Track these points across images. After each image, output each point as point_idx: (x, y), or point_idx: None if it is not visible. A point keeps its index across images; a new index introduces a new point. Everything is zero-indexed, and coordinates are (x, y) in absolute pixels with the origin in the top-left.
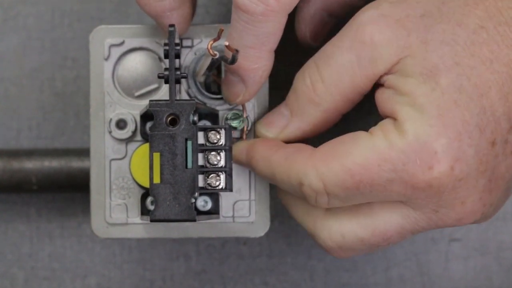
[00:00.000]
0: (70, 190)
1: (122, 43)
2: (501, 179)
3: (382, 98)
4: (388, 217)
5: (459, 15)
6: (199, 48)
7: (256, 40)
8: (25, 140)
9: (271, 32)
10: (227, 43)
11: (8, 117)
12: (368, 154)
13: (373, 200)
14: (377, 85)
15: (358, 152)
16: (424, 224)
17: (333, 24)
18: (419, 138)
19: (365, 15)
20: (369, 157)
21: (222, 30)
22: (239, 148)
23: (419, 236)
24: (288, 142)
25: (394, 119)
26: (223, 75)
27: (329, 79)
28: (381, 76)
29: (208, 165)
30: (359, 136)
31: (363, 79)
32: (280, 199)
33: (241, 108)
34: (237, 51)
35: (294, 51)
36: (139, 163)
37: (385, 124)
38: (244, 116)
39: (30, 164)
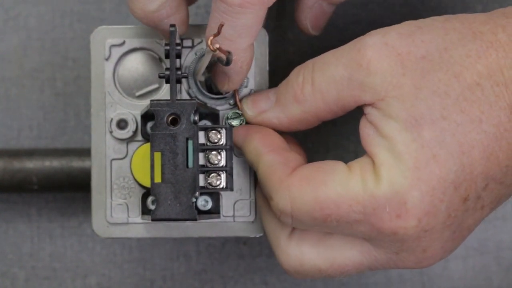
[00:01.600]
0: (70, 190)
1: (123, 43)
2: (466, 230)
3: (364, 132)
4: (348, 252)
5: (459, 66)
6: (199, 48)
7: (233, 32)
8: (26, 140)
9: (249, 24)
10: (217, 46)
11: (9, 117)
12: (342, 192)
13: (337, 233)
14: (361, 111)
15: (333, 186)
16: (383, 263)
17: (333, 12)
18: (392, 187)
19: (371, 39)
20: (342, 195)
21: (222, 25)
22: (239, 132)
23: None
24: (263, 126)
25: (372, 160)
26: None
27: (318, 84)
28: (365, 105)
29: (209, 164)
30: (338, 169)
31: (348, 98)
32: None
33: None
34: (229, 52)
35: (294, 51)
36: (140, 163)
37: (364, 164)
38: (241, 111)
39: (30, 164)
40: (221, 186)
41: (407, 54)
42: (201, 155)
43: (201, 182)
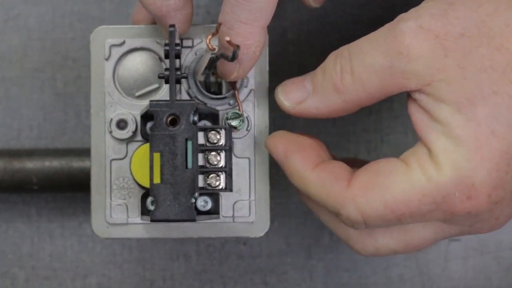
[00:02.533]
0: (70, 190)
1: (123, 43)
2: None
3: (416, 118)
4: (422, 232)
5: (499, 38)
6: (199, 48)
7: (249, 15)
8: (26, 140)
9: (264, 7)
10: (228, 38)
11: (9, 117)
12: (408, 190)
13: (412, 223)
14: (409, 96)
15: (397, 187)
16: (457, 234)
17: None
18: (457, 172)
19: (405, 25)
20: (409, 193)
21: (220, 24)
22: (278, 150)
23: None
24: (300, 117)
25: (429, 148)
26: None
27: (358, 74)
28: (412, 91)
29: (208, 165)
30: (395, 168)
31: (392, 86)
32: (303, 201)
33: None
34: (238, 46)
35: (294, 51)
36: (140, 163)
37: (420, 155)
38: (241, 111)
39: (30, 164)
40: (220, 186)
41: (445, 35)
42: (200, 155)
43: (201, 183)
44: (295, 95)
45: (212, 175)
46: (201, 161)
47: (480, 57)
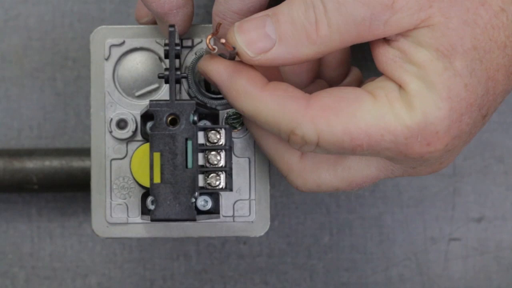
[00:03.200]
0: (70, 189)
1: (123, 43)
2: (473, 137)
3: (387, 58)
4: (366, 170)
5: None
6: (199, 48)
7: (242, 6)
8: (26, 140)
9: None
10: (223, 41)
11: (9, 117)
12: (372, 122)
13: (361, 156)
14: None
15: (363, 117)
16: (398, 174)
17: None
18: (425, 117)
19: None
20: (373, 125)
21: (220, 25)
22: (217, 68)
23: (418, 236)
24: (263, 66)
25: (400, 86)
26: None
27: (336, 26)
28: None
29: (208, 164)
30: (363, 98)
31: (370, 36)
32: (248, 128)
33: None
34: (234, 48)
35: None
36: (140, 163)
37: (390, 91)
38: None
39: (31, 164)
40: (220, 186)
41: None
42: (200, 155)
43: (201, 183)
44: (258, 45)
45: (212, 175)
46: (201, 161)
47: (465, 10)
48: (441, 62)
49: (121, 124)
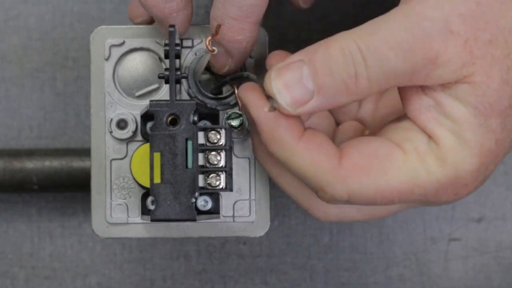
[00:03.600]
0: (70, 189)
1: (123, 43)
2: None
3: (420, 105)
4: (390, 207)
5: None
6: (199, 49)
7: (239, 12)
8: (26, 140)
9: (255, 3)
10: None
11: (9, 117)
12: (404, 179)
13: None
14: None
15: (394, 175)
16: (415, 206)
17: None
18: (457, 173)
19: (433, 27)
20: (405, 182)
21: (220, 26)
22: (258, 106)
23: (418, 236)
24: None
25: (429, 137)
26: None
27: (376, 79)
28: None
29: (208, 165)
30: (393, 154)
31: (408, 84)
32: (261, 164)
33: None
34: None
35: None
36: (140, 163)
37: (420, 143)
38: (241, 111)
39: (31, 164)
40: (220, 186)
41: (474, 40)
42: (200, 155)
43: (201, 183)
44: (297, 99)
45: (212, 175)
46: (201, 161)
47: (506, 69)
48: (477, 119)
49: (121, 124)
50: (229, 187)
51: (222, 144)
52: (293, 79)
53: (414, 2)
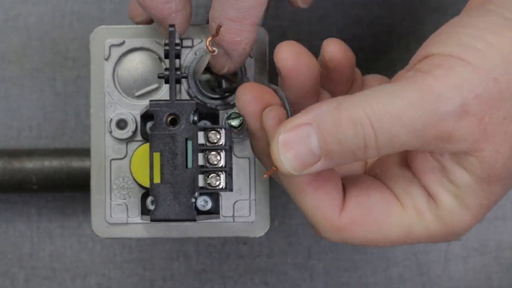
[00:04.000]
0: (70, 189)
1: (123, 43)
2: None
3: (425, 166)
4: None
5: None
6: (199, 48)
7: (237, 14)
8: (26, 140)
9: (253, 5)
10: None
11: (9, 117)
12: (401, 234)
13: None
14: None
15: (389, 230)
16: None
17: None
18: (453, 230)
19: (449, 109)
20: (401, 236)
21: (221, 27)
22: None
23: None
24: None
25: (429, 196)
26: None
27: (384, 150)
28: None
29: (208, 165)
30: (391, 207)
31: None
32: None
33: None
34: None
35: None
36: (140, 163)
37: (419, 200)
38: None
39: (30, 164)
40: (220, 186)
41: (489, 119)
42: (200, 155)
43: (201, 183)
44: (306, 164)
45: (212, 175)
46: (201, 161)
47: None
48: (480, 186)
49: (121, 124)
50: (229, 187)
51: (222, 144)
52: (300, 143)
53: (431, 76)
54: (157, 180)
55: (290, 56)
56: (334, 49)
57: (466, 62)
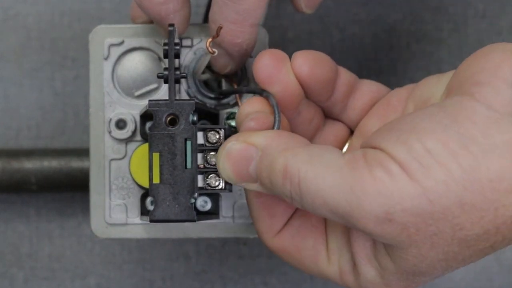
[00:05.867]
0: (69, 190)
1: (122, 42)
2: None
3: (358, 237)
4: None
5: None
6: (199, 48)
7: (237, 16)
8: (25, 140)
9: (252, 8)
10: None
11: (8, 116)
12: (326, 278)
13: None
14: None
15: (316, 274)
16: None
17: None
18: None
19: (371, 210)
20: (330, 279)
21: (221, 28)
22: (251, 193)
23: None
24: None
25: (354, 264)
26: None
27: (310, 209)
28: None
29: (207, 165)
30: (318, 259)
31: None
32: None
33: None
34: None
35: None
36: (139, 163)
37: (344, 264)
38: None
39: (29, 164)
40: (220, 186)
41: (415, 230)
42: (200, 155)
43: (200, 183)
44: (242, 179)
45: (211, 175)
46: (200, 161)
47: (447, 252)
48: (405, 276)
49: (120, 124)
50: (228, 187)
51: (221, 144)
52: (241, 162)
53: (367, 172)
54: (156, 180)
55: (266, 70)
56: (299, 66)
57: (407, 173)
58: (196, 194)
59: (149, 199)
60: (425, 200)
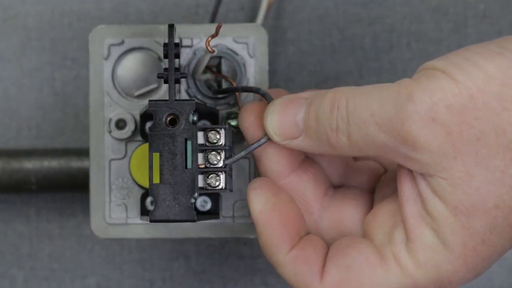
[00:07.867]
0: (69, 190)
1: (122, 42)
2: None
3: (408, 194)
4: None
5: None
6: (199, 48)
7: None
8: (25, 140)
9: None
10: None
11: (8, 117)
12: (383, 285)
13: None
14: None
15: (373, 284)
16: None
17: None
18: (437, 273)
19: (415, 109)
20: (384, 287)
21: (220, 26)
22: (256, 206)
23: None
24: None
25: (409, 238)
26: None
27: (355, 141)
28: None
29: (208, 165)
30: (369, 262)
31: (391, 159)
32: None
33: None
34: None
35: (294, 51)
36: (139, 163)
37: (397, 247)
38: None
39: (29, 164)
40: (220, 186)
41: (459, 134)
42: (200, 155)
43: (200, 183)
44: (287, 132)
45: (212, 175)
46: (200, 161)
47: (493, 169)
48: (458, 220)
49: (120, 124)
50: (229, 187)
51: (221, 144)
52: (289, 113)
53: (413, 81)
54: (156, 180)
55: (250, 122)
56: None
57: (449, 75)
58: (196, 194)
59: (149, 199)
60: (466, 95)
